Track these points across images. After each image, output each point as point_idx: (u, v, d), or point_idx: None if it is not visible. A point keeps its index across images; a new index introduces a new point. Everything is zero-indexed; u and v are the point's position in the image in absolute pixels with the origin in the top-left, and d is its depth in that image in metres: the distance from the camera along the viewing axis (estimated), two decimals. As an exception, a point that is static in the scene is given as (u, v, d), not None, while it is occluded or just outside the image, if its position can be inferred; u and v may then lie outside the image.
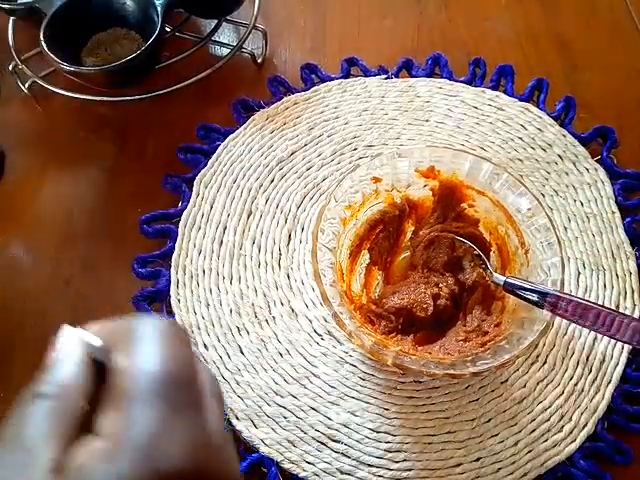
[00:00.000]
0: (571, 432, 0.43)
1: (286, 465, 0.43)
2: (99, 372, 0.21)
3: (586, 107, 0.58)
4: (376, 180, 0.46)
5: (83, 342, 0.22)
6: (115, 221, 0.53)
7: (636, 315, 0.48)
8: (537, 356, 0.46)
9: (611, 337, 0.38)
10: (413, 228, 0.50)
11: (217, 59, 0.59)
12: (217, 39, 0.61)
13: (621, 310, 0.48)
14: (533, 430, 0.44)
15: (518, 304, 0.42)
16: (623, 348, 0.46)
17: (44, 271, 0.51)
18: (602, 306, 0.38)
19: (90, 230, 0.52)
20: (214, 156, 0.55)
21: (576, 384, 0.45)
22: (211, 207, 0.52)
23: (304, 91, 0.59)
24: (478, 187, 0.46)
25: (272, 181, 0.54)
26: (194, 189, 0.53)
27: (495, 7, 0.66)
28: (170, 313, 0.48)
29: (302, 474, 0.43)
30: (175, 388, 0.20)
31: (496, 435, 0.44)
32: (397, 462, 0.43)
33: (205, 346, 0.47)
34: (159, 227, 0.52)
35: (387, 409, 0.45)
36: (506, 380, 0.45)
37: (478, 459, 0.43)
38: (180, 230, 0.51)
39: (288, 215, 0.52)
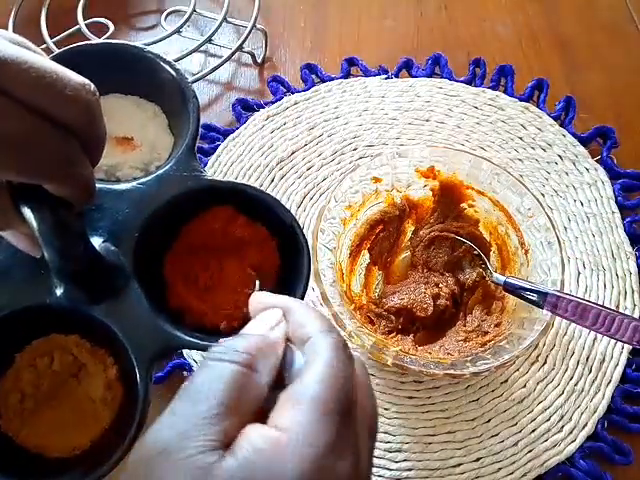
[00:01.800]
0: (571, 432, 0.43)
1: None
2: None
3: (586, 107, 0.58)
4: (376, 180, 0.46)
5: (284, 324, 0.22)
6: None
7: (636, 315, 0.48)
8: (537, 356, 0.46)
9: (611, 337, 0.38)
10: (413, 228, 0.50)
11: (217, 59, 0.59)
12: (217, 39, 0.61)
13: (621, 310, 0.48)
14: (533, 430, 0.44)
15: (518, 304, 0.42)
16: (623, 348, 0.46)
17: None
18: (602, 306, 0.38)
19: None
20: (214, 156, 0.55)
21: (576, 384, 0.45)
22: (211, 207, 0.52)
23: (304, 91, 0.59)
24: (478, 187, 0.46)
25: (272, 181, 0.54)
26: (194, 189, 0.53)
27: (495, 7, 0.66)
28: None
29: (302, 474, 0.42)
30: (351, 414, 0.21)
31: (496, 435, 0.44)
32: (397, 462, 0.43)
33: (205, 346, 0.47)
34: (159, 227, 0.52)
35: (387, 409, 0.45)
36: (506, 380, 0.45)
37: (478, 459, 0.43)
38: (180, 230, 0.51)
39: (288, 215, 0.52)
